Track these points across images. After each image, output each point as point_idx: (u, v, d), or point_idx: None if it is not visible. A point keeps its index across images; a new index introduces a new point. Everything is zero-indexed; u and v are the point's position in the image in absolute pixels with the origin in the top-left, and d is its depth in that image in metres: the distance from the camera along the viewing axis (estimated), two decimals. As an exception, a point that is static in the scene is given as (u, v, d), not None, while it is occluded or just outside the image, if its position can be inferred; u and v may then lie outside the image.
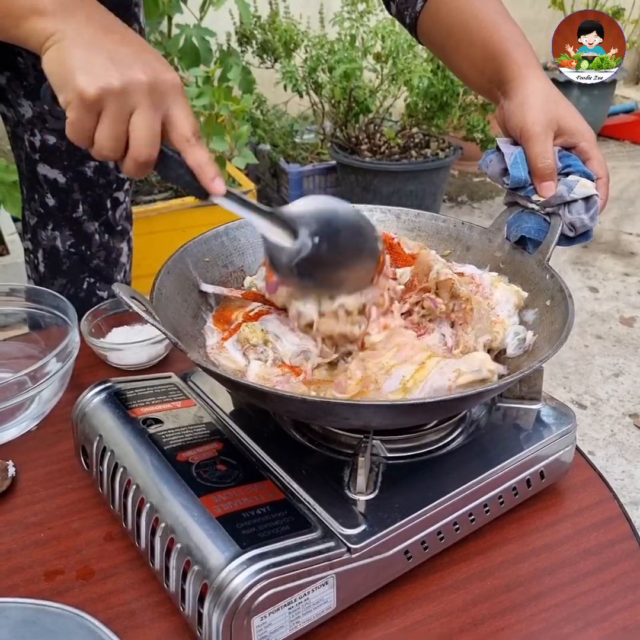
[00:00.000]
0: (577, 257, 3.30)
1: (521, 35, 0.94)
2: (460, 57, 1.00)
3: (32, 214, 1.30)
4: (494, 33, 0.94)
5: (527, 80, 0.89)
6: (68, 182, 1.25)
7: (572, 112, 0.89)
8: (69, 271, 1.32)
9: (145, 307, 0.70)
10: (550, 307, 0.80)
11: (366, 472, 0.71)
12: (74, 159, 1.23)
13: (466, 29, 0.97)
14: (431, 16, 1.02)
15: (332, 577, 0.65)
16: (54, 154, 1.23)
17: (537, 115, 0.87)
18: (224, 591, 0.59)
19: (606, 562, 0.76)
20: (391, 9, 1.08)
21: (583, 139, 0.89)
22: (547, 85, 0.90)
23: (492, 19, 0.96)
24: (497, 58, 0.93)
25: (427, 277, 0.80)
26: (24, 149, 1.25)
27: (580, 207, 0.85)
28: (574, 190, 0.84)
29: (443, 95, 3.12)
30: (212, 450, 0.75)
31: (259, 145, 3.52)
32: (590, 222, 0.86)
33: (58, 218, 1.28)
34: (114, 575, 0.74)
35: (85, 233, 1.30)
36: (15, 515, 0.81)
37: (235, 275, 0.91)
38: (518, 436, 0.80)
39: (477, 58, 0.96)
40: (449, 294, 0.80)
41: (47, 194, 1.26)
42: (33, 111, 1.20)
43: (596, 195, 0.85)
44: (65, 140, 1.21)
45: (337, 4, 3.22)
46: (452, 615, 0.70)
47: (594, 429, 2.29)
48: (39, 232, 1.30)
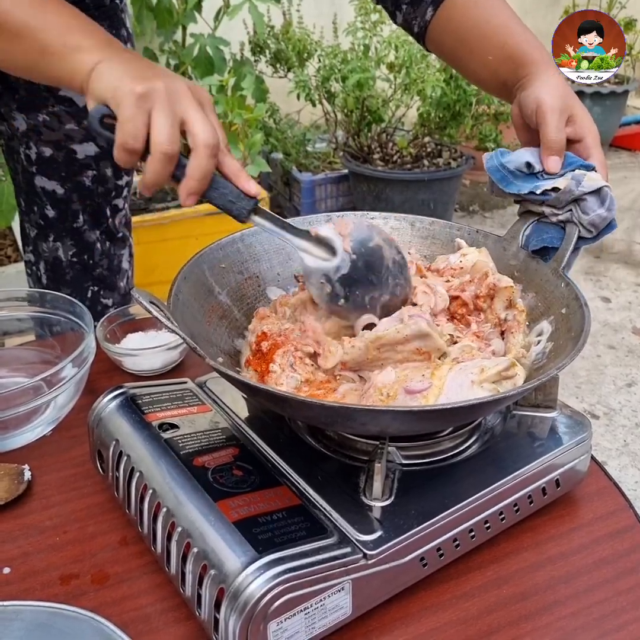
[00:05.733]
0: (590, 267, 3.29)
1: (535, 39, 0.96)
2: (473, 60, 1.01)
3: (32, 226, 1.31)
4: (509, 36, 0.96)
5: (544, 74, 0.91)
6: (67, 192, 1.26)
7: (583, 108, 0.91)
8: (72, 281, 1.33)
9: (164, 312, 0.70)
10: (566, 315, 0.80)
11: (382, 479, 0.71)
12: (71, 170, 1.24)
13: (480, 34, 0.98)
14: (442, 24, 1.03)
15: (348, 583, 0.65)
16: (51, 166, 1.23)
17: (554, 96, 0.88)
18: (240, 596, 0.59)
19: (622, 571, 0.75)
20: (397, 19, 1.09)
21: (589, 135, 0.90)
22: (562, 80, 0.92)
23: (507, 23, 0.97)
24: (513, 59, 0.94)
25: (482, 283, 0.82)
26: (20, 162, 1.25)
27: (593, 203, 0.85)
28: (582, 184, 0.84)
29: (456, 104, 3.12)
30: (228, 456, 0.75)
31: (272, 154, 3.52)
32: (609, 214, 0.85)
33: (59, 229, 1.29)
34: (129, 579, 0.74)
35: (86, 242, 1.31)
36: (30, 519, 0.82)
37: (250, 282, 0.91)
38: (533, 444, 0.80)
39: (492, 60, 0.97)
40: (504, 303, 0.81)
41: (47, 206, 1.27)
42: (27, 124, 1.21)
43: (606, 186, 0.85)
44: (62, 151, 1.22)
45: (350, 14, 3.23)
46: (467, 623, 0.70)
47: (606, 439, 2.28)
48: (40, 244, 1.31)
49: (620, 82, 4.30)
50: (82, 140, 1.22)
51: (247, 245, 0.91)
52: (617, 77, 4.31)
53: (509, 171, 0.89)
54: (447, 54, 1.07)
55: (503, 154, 0.90)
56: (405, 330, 0.75)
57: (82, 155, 1.23)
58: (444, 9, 1.01)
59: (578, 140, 0.90)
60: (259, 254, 0.92)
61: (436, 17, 1.02)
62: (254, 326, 0.84)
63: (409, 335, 0.75)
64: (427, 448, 0.78)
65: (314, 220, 0.95)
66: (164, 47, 3.00)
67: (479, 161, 3.58)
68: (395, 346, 0.76)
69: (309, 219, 0.95)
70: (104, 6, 1.18)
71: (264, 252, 0.92)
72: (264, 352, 0.78)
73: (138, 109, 0.69)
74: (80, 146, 1.23)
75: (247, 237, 0.91)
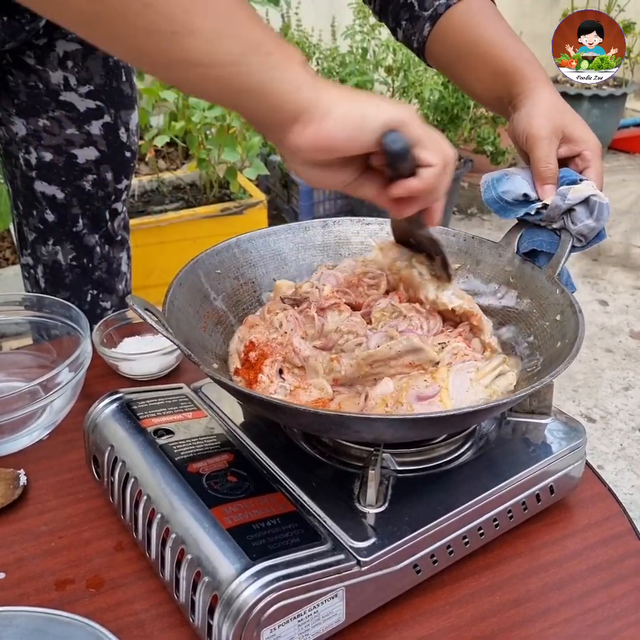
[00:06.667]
0: (587, 270, 3.30)
1: (530, 53, 0.96)
2: (470, 76, 1.01)
3: (31, 230, 1.30)
4: (503, 52, 0.96)
5: (535, 92, 0.91)
6: (67, 197, 1.26)
7: (577, 122, 0.90)
8: (71, 285, 1.33)
9: (158, 319, 0.70)
10: (561, 321, 0.80)
11: (376, 485, 0.71)
12: (72, 174, 1.24)
13: (475, 49, 0.98)
14: (439, 39, 1.03)
15: (342, 589, 0.65)
16: (51, 171, 1.23)
17: (543, 122, 0.88)
18: (234, 603, 0.60)
19: (616, 577, 0.76)
20: (398, 35, 1.10)
21: (587, 147, 0.90)
22: (554, 97, 0.91)
23: (501, 38, 0.97)
24: (508, 75, 0.94)
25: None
26: (19, 167, 1.25)
27: (581, 214, 0.86)
28: (567, 197, 0.85)
29: (454, 108, 3.13)
30: (223, 462, 0.75)
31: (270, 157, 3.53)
32: (597, 224, 0.86)
33: (58, 233, 1.29)
34: (124, 585, 0.74)
35: (86, 246, 1.31)
36: (26, 524, 0.82)
37: (246, 288, 0.91)
38: (528, 450, 0.80)
39: (487, 77, 0.97)
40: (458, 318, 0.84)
41: (46, 210, 1.27)
42: (27, 129, 1.21)
43: (593, 195, 0.85)
44: (62, 155, 1.22)
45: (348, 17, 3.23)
46: (460, 630, 0.70)
47: (603, 443, 2.28)
48: (39, 247, 1.31)
49: (619, 85, 4.31)
50: (83, 144, 1.22)
51: (243, 251, 0.92)
52: (616, 79, 4.32)
53: (506, 202, 0.89)
54: (445, 68, 1.08)
55: (500, 181, 0.90)
56: (397, 346, 0.75)
57: (82, 160, 1.23)
58: (441, 24, 1.02)
59: (576, 155, 0.90)
60: (254, 260, 0.92)
61: (433, 32, 1.03)
62: (243, 334, 0.84)
63: (402, 350, 0.75)
64: (422, 454, 0.78)
65: (310, 226, 0.95)
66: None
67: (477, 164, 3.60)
68: (388, 362, 0.76)
69: (305, 224, 0.95)
70: None
71: (259, 258, 0.93)
72: (252, 363, 0.78)
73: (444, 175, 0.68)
74: (81, 151, 1.23)
75: (243, 243, 0.92)
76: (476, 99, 1.07)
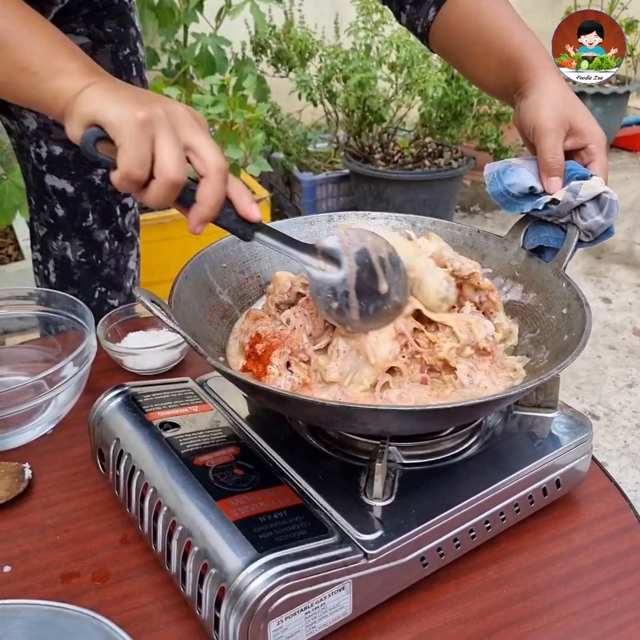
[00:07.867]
0: (590, 268, 3.29)
1: (536, 40, 0.95)
2: (475, 63, 1.01)
3: (41, 224, 1.30)
4: (509, 39, 0.95)
5: (543, 81, 0.91)
6: (77, 191, 1.26)
7: (585, 114, 0.90)
8: (80, 281, 1.33)
9: (165, 312, 0.70)
10: (567, 315, 0.80)
11: (383, 478, 0.71)
12: (81, 168, 1.24)
13: (481, 36, 0.98)
14: (444, 24, 1.03)
15: (349, 582, 0.65)
16: (61, 164, 1.23)
17: (550, 113, 0.88)
18: (241, 595, 0.59)
19: (622, 571, 0.75)
20: (401, 19, 1.09)
21: (593, 141, 0.89)
22: (562, 87, 0.91)
23: (507, 25, 0.97)
24: (514, 63, 0.93)
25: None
26: (30, 161, 1.25)
27: (591, 210, 0.85)
28: (579, 194, 0.84)
29: (457, 105, 3.12)
30: (229, 455, 0.75)
31: (273, 154, 3.53)
32: (607, 221, 0.85)
33: (68, 228, 1.29)
34: (129, 578, 0.74)
35: (95, 242, 1.30)
36: (31, 517, 0.82)
37: (251, 281, 0.91)
38: (534, 444, 0.80)
39: (493, 64, 0.97)
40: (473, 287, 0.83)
41: (57, 205, 1.27)
42: (38, 123, 1.20)
43: (604, 192, 0.85)
44: (72, 149, 1.21)
45: (352, 14, 3.22)
46: (467, 623, 0.70)
47: (607, 440, 2.28)
48: (49, 242, 1.31)
49: (622, 83, 4.30)
50: None
51: (248, 245, 0.91)
52: (619, 78, 4.31)
53: (512, 195, 0.89)
54: (449, 54, 1.08)
55: (505, 173, 0.89)
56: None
57: None
58: (446, 9, 1.01)
59: (582, 148, 0.90)
60: (260, 254, 0.92)
61: (438, 17, 1.02)
62: (247, 326, 0.84)
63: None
64: (428, 448, 0.78)
65: (315, 220, 0.95)
66: (166, 47, 3.00)
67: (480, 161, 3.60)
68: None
69: (310, 218, 0.95)
70: (112, 5, 1.18)
71: (265, 252, 0.92)
72: (259, 355, 0.77)
73: (142, 135, 0.65)
74: None
75: (248, 237, 0.91)
76: (480, 87, 1.07)
